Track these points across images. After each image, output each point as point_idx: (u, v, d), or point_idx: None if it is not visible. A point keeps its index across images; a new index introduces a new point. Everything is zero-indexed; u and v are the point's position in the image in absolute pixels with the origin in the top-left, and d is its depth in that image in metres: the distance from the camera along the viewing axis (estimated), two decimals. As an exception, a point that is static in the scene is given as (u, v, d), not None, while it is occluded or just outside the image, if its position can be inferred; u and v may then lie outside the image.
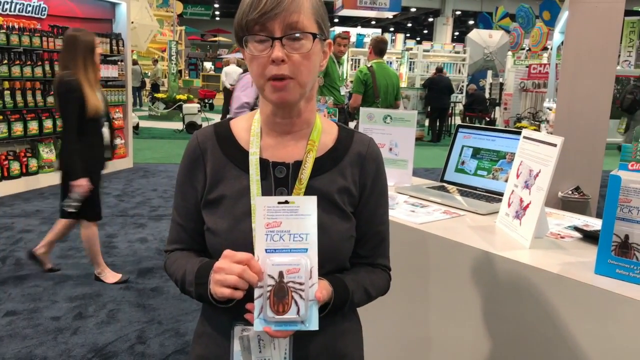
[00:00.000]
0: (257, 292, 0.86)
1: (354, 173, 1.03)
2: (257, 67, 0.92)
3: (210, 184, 1.02)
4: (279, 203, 0.87)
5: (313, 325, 0.85)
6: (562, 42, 5.90)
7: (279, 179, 0.99)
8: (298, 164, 0.99)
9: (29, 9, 6.30)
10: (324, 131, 1.04)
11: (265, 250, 0.87)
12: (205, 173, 1.02)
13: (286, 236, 0.87)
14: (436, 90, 11.65)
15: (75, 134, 3.18)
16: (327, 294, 0.90)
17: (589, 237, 1.55)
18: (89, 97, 3.18)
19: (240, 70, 10.08)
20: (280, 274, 0.85)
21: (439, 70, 12.31)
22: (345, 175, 1.02)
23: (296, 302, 0.85)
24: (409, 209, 1.86)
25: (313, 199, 0.88)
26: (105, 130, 3.40)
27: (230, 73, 12.68)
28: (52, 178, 6.32)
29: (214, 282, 0.89)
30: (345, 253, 1.03)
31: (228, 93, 12.82)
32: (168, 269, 1.07)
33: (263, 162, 1.00)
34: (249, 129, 1.04)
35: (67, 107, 3.17)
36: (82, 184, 3.19)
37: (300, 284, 0.85)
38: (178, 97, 13.04)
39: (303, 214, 0.87)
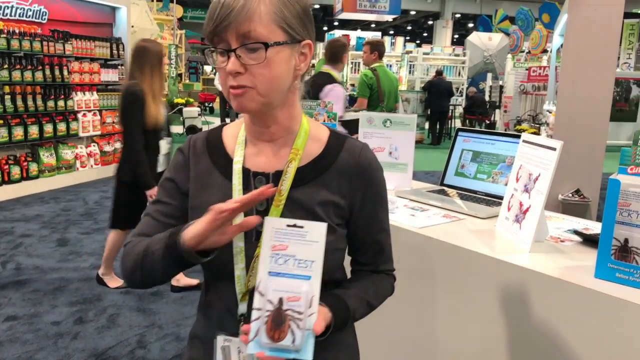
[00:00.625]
0: (254, 315, 0.84)
1: (342, 184, 0.98)
2: (221, 77, 0.91)
3: (195, 189, 1.00)
4: (288, 226, 0.85)
5: (307, 355, 0.83)
6: (561, 45, 5.91)
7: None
8: (279, 174, 0.96)
9: (30, 13, 6.31)
10: (312, 138, 1.00)
11: (269, 273, 0.85)
12: (189, 177, 1.01)
13: (291, 261, 0.85)
14: (436, 93, 11.65)
15: (141, 145, 3.16)
16: (325, 324, 0.87)
17: (589, 240, 1.55)
18: (150, 108, 3.16)
19: None
20: (280, 301, 0.83)
21: (439, 73, 12.32)
22: (331, 187, 0.97)
23: (292, 332, 0.83)
24: (408, 212, 1.86)
25: (323, 226, 0.85)
26: (164, 143, 3.38)
27: None
28: (52, 182, 6.33)
29: (191, 226, 0.86)
30: (332, 266, 0.98)
31: (224, 97, 12.84)
32: (127, 254, 0.97)
33: (245, 171, 0.97)
34: (236, 136, 1.02)
35: (132, 118, 3.15)
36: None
37: (300, 312, 0.83)
38: (176, 101, 13.03)
39: (311, 240, 0.85)
